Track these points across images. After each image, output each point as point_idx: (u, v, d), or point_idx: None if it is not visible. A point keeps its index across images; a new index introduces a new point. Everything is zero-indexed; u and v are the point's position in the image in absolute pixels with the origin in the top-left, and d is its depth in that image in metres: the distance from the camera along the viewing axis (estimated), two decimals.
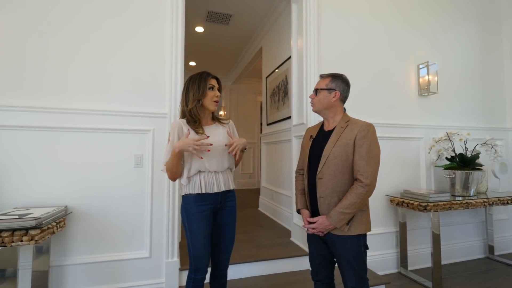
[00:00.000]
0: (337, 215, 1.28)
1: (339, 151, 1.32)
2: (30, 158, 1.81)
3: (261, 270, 2.25)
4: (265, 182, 4.21)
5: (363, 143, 1.30)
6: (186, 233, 1.47)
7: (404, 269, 2.50)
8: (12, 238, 1.39)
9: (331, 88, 1.40)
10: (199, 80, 1.49)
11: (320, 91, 1.42)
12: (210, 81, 1.51)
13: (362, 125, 1.34)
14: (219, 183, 1.49)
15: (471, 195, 2.44)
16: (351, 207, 1.27)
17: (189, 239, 1.44)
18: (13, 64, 1.81)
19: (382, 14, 2.70)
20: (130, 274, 1.96)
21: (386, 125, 2.61)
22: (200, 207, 1.44)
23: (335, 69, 2.48)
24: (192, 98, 1.47)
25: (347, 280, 1.33)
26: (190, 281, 1.45)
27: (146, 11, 2.09)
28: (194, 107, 1.47)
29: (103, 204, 1.94)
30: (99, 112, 1.94)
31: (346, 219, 1.28)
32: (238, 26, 4.11)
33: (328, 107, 1.41)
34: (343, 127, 1.37)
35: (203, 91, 1.47)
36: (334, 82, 1.41)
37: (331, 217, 1.29)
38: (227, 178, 1.54)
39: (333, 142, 1.35)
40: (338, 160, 1.32)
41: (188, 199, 1.46)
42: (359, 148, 1.30)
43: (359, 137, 1.31)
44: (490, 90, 3.09)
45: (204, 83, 1.48)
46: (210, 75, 1.52)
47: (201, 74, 1.51)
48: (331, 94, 1.40)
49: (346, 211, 1.27)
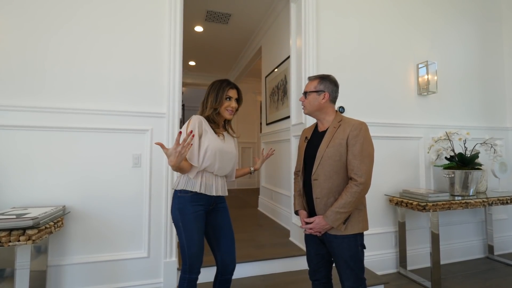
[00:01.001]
0: (333, 214, 1.28)
1: (333, 151, 1.32)
2: (28, 157, 1.81)
3: (260, 269, 2.25)
4: (264, 182, 4.21)
5: (355, 142, 1.30)
6: (179, 233, 1.44)
7: (403, 269, 2.49)
8: (9, 238, 1.39)
9: (320, 90, 1.41)
10: (218, 89, 1.53)
11: (309, 93, 1.43)
12: (229, 92, 1.54)
13: (354, 124, 1.34)
14: (217, 187, 1.51)
15: (470, 194, 2.43)
16: (346, 206, 1.27)
17: (183, 238, 1.43)
18: (11, 64, 1.81)
19: (382, 14, 2.70)
20: (128, 274, 1.96)
21: (385, 125, 2.61)
22: (195, 207, 1.45)
23: (334, 69, 2.48)
24: (209, 106, 1.52)
25: (344, 279, 1.33)
26: (184, 282, 1.44)
27: (144, 10, 2.09)
28: (211, 114, 1.52)
29: (101, 204, 1.94)
30: (97, 112, 1.94)
31: (342, 218, 1.28)
32: (238, 25, 4.11)
33: (319, 109, 1.42)
34: (335, 127, 1.37)
35: (220, 101, 1.51)
36: (322, 84, 1.42)
37: (327, 217, 1.29)
38: (224, 184, 1.57)
39: (326, 142, 1.35)
40: (332, 161, 1.32)
41: (183, 199, 1.45)
42: (352, 148, 1.30)
43: (352, 136, 1.31)
44: (489, 90, 3.08)
45: (222, 92, 1.52)
46: (230, 85, 1.55)
47: (221, 82, 1.55)
48: (320, 96, 1.41)
49: (341, 211, 1.27)
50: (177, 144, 1.24)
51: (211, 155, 1.45)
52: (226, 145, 1.52)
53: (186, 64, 5.74)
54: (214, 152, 1.45)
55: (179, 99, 2.14)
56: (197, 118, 1.48)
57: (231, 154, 1.54)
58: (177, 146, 1.24)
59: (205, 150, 1.44)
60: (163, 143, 2.05)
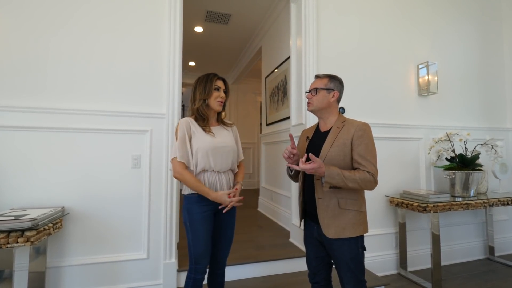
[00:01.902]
0: (335, 173, 1.23)
1: (337, 151, 1.32)
2: (27, 158, 1.80)
3: (260, 271, 2.24)
4: (264, 183, 4.20)
5: (361, 142, 1.30)
6: (187, 233, 1.47)
7: (404, 270, 2.48)
8: (8, 240, 1.38)
9: (330, 88, 1.41)
10: (206, 80, 1.54)
11: (319, 90, 1.41)
12: (216, 82, 1.55)
13: (358, 125, 1.34)
14: (222, 184, 1.51)
15: (471, 195, 2.43)
16: (350, 179, 1.24)
17: (190, 239, 1.45)
18: (10, 64, 1.80)
19: (382, 13, 2.69)
20: (128, 276, 1.95)
21: (385, 125, 2.60)
22: (202, 207, 1.45)
23: (334, 69, 2.48)
24: (198, 98, 1.53)
25: (344, 282, 1.32)
26: (189, 281, 1.46)
27: (143, 10, 2.08)
28: (201, 106, 1.52)
29: (101, 205, 1.93)
30: (96, 113, 1.93)
31: (336, 183, 1.24)
32: (238, 26, 4.10)
33: (326, 106, 1.41)
34: (339, 127, 1.37)
35: (208, 91, 1.52)
36: (333, 83, 1.42)
37: (329, 169, 1.23)
38: (229, 179, 1.56)
39: (330, 142, 1.35)
40: (336, 161, 1.31)
41: (191, 199, 1.47)
42: (357, 147, 1.30)
43: (356, 136, 1.31)
44: (490, 90, 3.07)
45: (210, 83, 1.53)
46: (216, 76, 1.57)
47: (208, 75, 1.57)
48: (330, 94, 1.40)
49: (343, 179, 1.23)
50: (230, 197, 1.45)
51: (204, 155, 1.46)
52: (218, 140, 1.51)
53: (186, 65, 5.73)
54: (205, 151, 1.45)
55: (179, 99, 2.13)
56: (184, 122, 1.49)
57: (225, 147, 1.52)
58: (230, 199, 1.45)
59: (196, 151, 1.46)
60: (163, 143, 2.05)
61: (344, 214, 1.31)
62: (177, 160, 1.45)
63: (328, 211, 1.31)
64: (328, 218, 1.31)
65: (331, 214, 1.31)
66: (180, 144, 1.45)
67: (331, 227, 1.30)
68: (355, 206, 1.32)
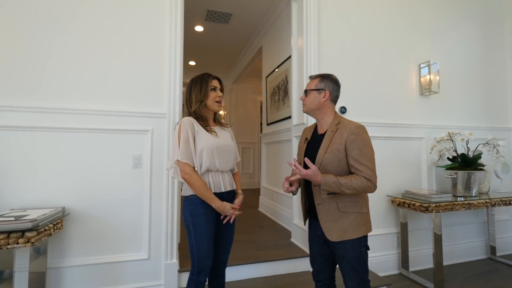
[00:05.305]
0: (331, 181, 1.23)
1: (331, 157, 1.30)
2: (27, 158, 1.79)
3: (261, 271, 2.23)
4: (265, 183, 4.19)
5: (354, 147, 1.28)
6: (189, 235, 1.45)
7: (405, 270, 2.48)
8: (8, 241, 1.37)
9: (321, 88, 1.39)
10: (201, 81, 1.51)
11: (310, 92, 1.40)
12: (212, 82, 1.52)
13: (351, 128, 1.30)
14: (225, 183, 1.50)
15: (473, 195, 2.42)
16: (346, 186, 1.23)
17: (193, 241, 1.43)
18: (9, 64, 1.79)
19: (384, 13, 2.68)
20: (129, 276, 1.94)
21: (387, 125, 2.59)
22: (206, 208, 1.44)
23: (335, 68, 2.47)
24: (195, 100, 1.49)
25: (348, 281, 1.32)
26: (192, 283, 1.44)
27: (144, 10, 2.07)
28: (198, 108, 1.49)
29: (101, 205, 1.92)
30: (97, 112, 1.92)
31: (333, 190, 1.24)
32: (238, 25, 4.09)
33: (319, 107, 1.39)
34: (333, 131, 1.35)
35: (205, 92, 1.49)
36: (323, 82, 1.40)
37: (325, 177, 1.24)
38: (230, 178, 1.56)
39: (324, 148, 1.33)
40: (331, 166, 1.30)
41: (194, 201, 1.44)
42: (351, 152, 1.28)
43: (350, 141, 1.28)
44: (492, 90, 3.06)
45: (206, 84, 1.50)
46: (211, 76, 1.54)
47: (202, 75, 1.53)
48: (321, 94, 1.38)
49: (340, 186, 1.23)
50: (234, 209, 1.46)
51: (209, 155, 1.44)
52: (220, 139, 1.50)
53: (186, 64, 5.72)
54: (210, 150, 1.44)
55: (180, 99, 2.12)
56: (187, 121, 1.46)
57: (228, 146, 1.52)
58: (233, 210, 1.45)
59: (201, 151, 1.43)
60: (164, 143, 2.04)
61: (344, 216, 1.30)
62: (183, 162, 1.42)
63: (329, 215, 1.31)
64: (329, 222, 1.31)
65: (332, 218, 1.30)
66: (184, 145, 1.42)
67: (333, 230, 1.30)
68: (355, 208, 1.31)
